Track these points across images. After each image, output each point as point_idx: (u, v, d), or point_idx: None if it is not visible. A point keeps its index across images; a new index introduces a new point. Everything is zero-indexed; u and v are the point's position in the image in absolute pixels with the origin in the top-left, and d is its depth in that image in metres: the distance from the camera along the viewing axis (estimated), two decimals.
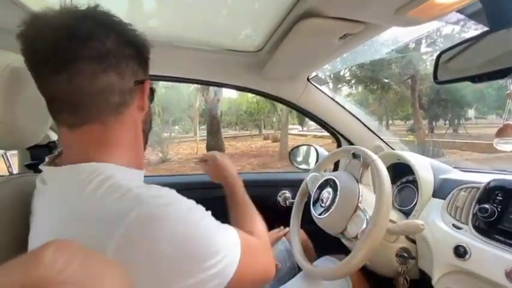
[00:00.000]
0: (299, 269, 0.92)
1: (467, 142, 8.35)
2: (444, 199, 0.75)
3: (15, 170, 0.73)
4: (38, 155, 0.75)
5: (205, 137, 9.13)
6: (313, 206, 0.82)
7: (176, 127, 13.07)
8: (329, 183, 0.80)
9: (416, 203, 0.84)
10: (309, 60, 0.90)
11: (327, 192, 0.79)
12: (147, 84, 0.47)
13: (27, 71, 0.54)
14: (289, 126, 10.52)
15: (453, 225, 0.67)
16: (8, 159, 0.70)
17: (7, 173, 0.71)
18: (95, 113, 0.41)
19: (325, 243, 0.93)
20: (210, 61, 0.99)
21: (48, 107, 0.42)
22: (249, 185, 1.26)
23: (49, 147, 0.73)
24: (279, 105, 10.10)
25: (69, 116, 0.40)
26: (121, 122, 0.43)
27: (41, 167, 0.45)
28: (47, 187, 0.43)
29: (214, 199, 0.69)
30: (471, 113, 12.10)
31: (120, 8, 0.70)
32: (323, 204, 0.78)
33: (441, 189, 0.79)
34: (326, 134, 1.38)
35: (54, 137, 0.75)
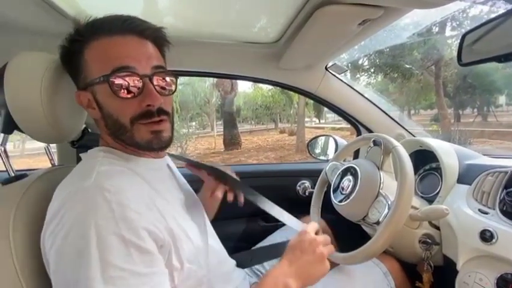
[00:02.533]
0: None
1: (498, 131, 7.86)
2: (470, 184, 0.73)
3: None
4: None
5: (222, 132, 9.25)
6: (333, 193, 0.83)
7: (194, 123, 13.32)
8: (349, 170, 0.81)
9: (439, 190, 0.83)
10: (327, 48, 0.90)
11: (347, 180, 0.80)
12: (80, 97, 0.53)
13: (63, 71, 0.59)
14: (306, 119, 10.39)
15: (479, 210, 0.66)
16: (50, 153, 0.77)
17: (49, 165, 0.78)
18: None
19: (345, 233, 0.94)
20: (227, 54, 1.02)
21: None
22: (269, 175, 1.30)
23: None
24: (295, 98, 10.00)
25: None
26: None
27: None
28: None
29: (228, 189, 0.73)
30: (502, 99, 11.30)
31: (137, 6, 0.74)
32: (343, 192, 0.79)
33: (467, 175, 0.77)
34: (344, 126, 1.38)
35: None
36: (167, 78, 0.53)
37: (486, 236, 0.60)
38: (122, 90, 0.47)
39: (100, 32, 0.48)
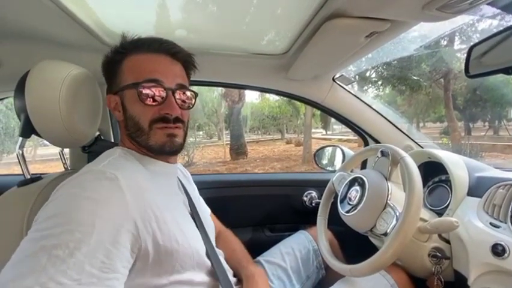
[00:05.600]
0: (326, 269, 0.92)
1: (510, 145, 7.66)
2: (481, 197, 0.72)
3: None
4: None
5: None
6: (340, 203, 0.83)
7: (201, 132, 13.45)
8: (356, 181, 0.81)
9: (449, 202, 0.81)
10: (334, 60, 0.91)
11: (355, 190, 0.79)
12: (110, 100, 0.59)
13: (81, 79, 0.63)
14: (313, 130, 10.37)
15: (490, 223, 0.65)
16: (63, 157, 0.79)
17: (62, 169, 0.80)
18: None
19: (352, 244, 0.93)
20: (237, 65, 1.04)
21: None
22: (275, 184, 1.30)
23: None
24: (302, 109, 10.03)
25: None
26: None
27: None
28: None
29: (235, 197, 0.73)
30: None
31: (151, 19, 0.77)
32: (350, 202, 0.78)
33: (477, 187, 0.76)
34: (351, 137, 1.38)
35: None
36: (188, 93, 0.61)
37: (498, 250, 0.59)
38: (148, 99, 0.54)
39: (139, 48, 0.57)
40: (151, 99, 0.54)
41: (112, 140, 0.98)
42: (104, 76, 0.62)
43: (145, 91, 0.54)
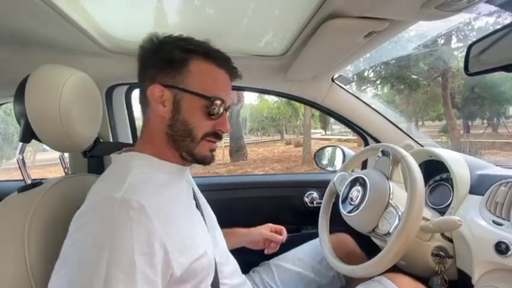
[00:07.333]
0: (347, 279, 0.88)
1: (509, 142, 7.68)
2: (483, 195, 0.72)
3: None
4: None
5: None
6: (342, 204, 0.83)
7: None
8: (358, 181, 0.80)
9: (451, 201, 0.81)
10: (333, 60, 0.91)
11: (356, 191, 0.79)
12: (157, 90, 0.55)
13: (80, 83, 0.62)
14: (312, 131, 10.37)
15: (493, 221, 0.65)
16: (64, 161, 0.79)
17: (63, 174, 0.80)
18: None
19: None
20: (236, 66, 1.04)
21: None
22: (276, 186, 1.29)
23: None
24: (301, 109, 10.04)
25: None
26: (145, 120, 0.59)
27: None
28: None
29: (236, 200, 0.73)
30: None
31: (149, 22, 0.77)
32: (352, 202, 0.78)
33: (479, 185, 0.76)
34: (351, 137, 1.38)
35: None
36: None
37: (501, 248, 0.58)
38: (212, 115, 0.56)
39: (212, 58, 0.57)
40: (213, 116, 0.57)
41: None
42: (154, 59, 0.57)
43: (212, 107, 0.56)
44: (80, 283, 0.39)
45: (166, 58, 0.55)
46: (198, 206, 0.65)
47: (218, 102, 0.56)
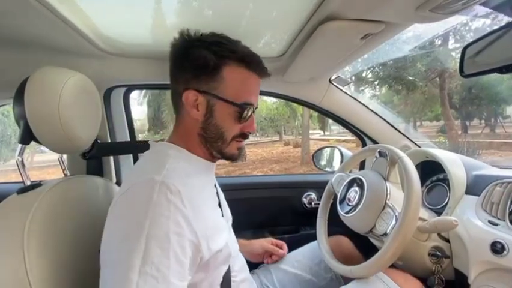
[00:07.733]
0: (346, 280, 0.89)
1: (507, 142, 7.73)
2: (479, 195, 0.72)
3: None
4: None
5: None
6: (339, 204, 0.83)
7: None
8: (355, 181, 0.81)
9: (448, 201, 0.82)
10: (330, 62, 0.92)
11: (353, 191, 0.80)
12: (191, 95, 0.57)
13: (80, 85, 0.62)
14: (311, 131, 10.39)
15: (489, 221, 0.66)
16: (63, 163, 0.79)
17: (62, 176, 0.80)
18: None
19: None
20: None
21: None
22: (274, 187, 1.30)
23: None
24: (300, 110, 10.06)
25: None
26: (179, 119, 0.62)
27: None
28: None
29: (234, 200, 0.74)
30: (509, 110, 11.17)
31: (147, 24, 0.77)
32: (349, 203, 0.79)
33: (475, 186, 0.77)
34: (349, 138, 1.39)
35: None
36: None
37: (497, 248, 0.59)
38: (242, 119, 0.59)
39: (244, 62, 0.58)
40: (243, 119, 0.59)
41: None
42: (186, 61, 0.58)
43: (244, 113, 0.58)
44: (123, 254, 0.43)
45: (199, 64, 0.56)
46: (219, 204, 0.67)
47: (247, 107, 0.59)
